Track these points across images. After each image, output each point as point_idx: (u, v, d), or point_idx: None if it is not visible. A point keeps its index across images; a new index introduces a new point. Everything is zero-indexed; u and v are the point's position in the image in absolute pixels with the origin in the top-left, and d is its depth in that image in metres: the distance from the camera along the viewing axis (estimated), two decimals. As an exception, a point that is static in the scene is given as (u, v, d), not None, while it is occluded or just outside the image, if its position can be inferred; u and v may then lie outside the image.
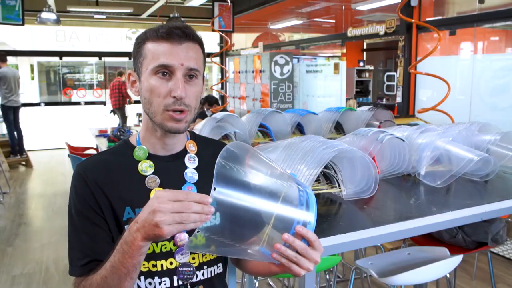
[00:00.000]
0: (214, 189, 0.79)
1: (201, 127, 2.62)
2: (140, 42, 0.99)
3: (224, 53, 10.04)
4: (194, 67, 0.97)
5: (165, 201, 0.77)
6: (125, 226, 0.97)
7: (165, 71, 0.95)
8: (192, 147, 1.10)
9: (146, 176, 1.01)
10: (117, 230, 0.98)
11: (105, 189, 0.98)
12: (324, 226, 1.43)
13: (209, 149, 1.13)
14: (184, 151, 1.08)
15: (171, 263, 1.01)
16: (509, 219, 3.36)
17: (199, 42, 1.00)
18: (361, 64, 8.92)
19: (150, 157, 1.04)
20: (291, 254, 0.82)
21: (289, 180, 0.89)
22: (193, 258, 1.03)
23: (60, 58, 10.28)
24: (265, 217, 0.85)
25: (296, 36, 9.68)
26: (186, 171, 1.05)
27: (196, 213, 0.76)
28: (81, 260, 0.96)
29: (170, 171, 1.04)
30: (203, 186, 1.05)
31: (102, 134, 4.79)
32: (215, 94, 10.19)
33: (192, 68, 0.96)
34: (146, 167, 1.02)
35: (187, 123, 1.00)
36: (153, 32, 0.97)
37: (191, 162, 1.07)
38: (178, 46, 0.95)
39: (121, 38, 11.37)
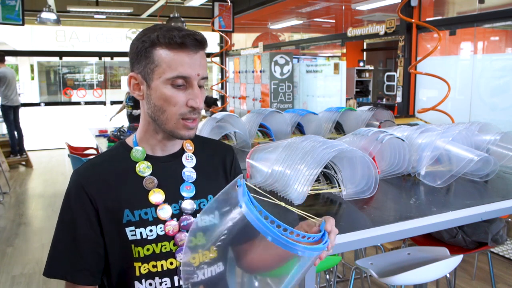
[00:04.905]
0: None
1: (201, 127, 2.62)
2: (149, 46, 0.95)
3: (224, 53, 10.04)
4: (206, 76, 0.98)
5: None
6: (126, 229, 0.98)
7: (181, 81, 0.95)
8: (189, 146, 1.10)
9: (144, 177, 1.01)
10: (117, 234, 0.98)
11: (103, 193, 0.98)
12: (324, 226, 1.43)
13: (206, 148, 1.13)
14: (182, 151, 1.08)
15: (171, 263, 1.00)
16: (509, 219, 3.36)
17: (206, 47, 1.00)
18: (361, 64, 8.92)
19: (147, 158, 1.04)
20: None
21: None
22: (194, 258, 1.03)
23: (60, 58, 10.28)
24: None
25: (296, 36, 9.68)
26: (184, 170, 1.05)
27: None
28: (72, 266, 0.97)
29: (168, 171, 1.04)
30: (201, 185, 1.06)
31: (102, 134, 4.79)
32: (215, 94, 10.21)
33: (204, 77, 0.98)
34: (144, 168, 1.02)
35: (196, 129, 1.01)
36: (165, 38, 0.93)
37: (189, 161, 1.07)
38: (194, 57, 0.95)
39: (121, 38, 11.38)
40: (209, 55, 6.63)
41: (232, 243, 0.90)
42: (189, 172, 1.05)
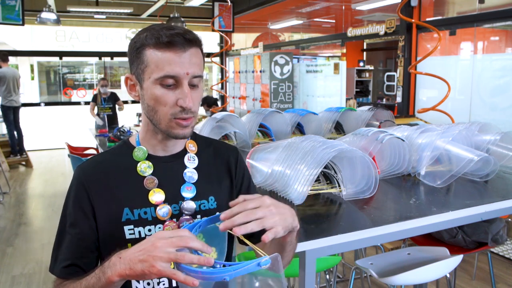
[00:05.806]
0: None
1: (201, 127, 2.62)
2: (139, 47, 0.95)
3: (224, 53, 10.04)
4: (198, 74, 0.96)
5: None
6: (124, 227, 0.98)
7: (170, 80, 0.94)
8: (192, 147, 1.09)
9: (145, 177, 1.01)
10: (114, 232, 0.98)
11: (103, 191, 0.99)
12: (324, 226, 1.43)
13: (209, 149, 1.12)
14: (184, 151, 1.08)
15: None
16: (509, 219, 3.36)
17: (200, 45, 0.98)
18: (361, 64, 8.92)
19: (150, 157, 1.04)
20: (239, 218, 0.81)
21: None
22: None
23: (60, 58, 10.27)
24: None
25: (296, 36, 9.68)
26: (185, 171, 1.05)
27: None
28: (63, 261, 0.97)
29: (169, 172, 1.04)
30: (203, 186, 1.05)
31: (102, 134, 4.79)
32: (215, 94, 10.21)
33: (196, 75, 0.95)
34: (145, 168, 1.02)
35: (192, 128, 1.00)
36: (153, 39, 0.93)
37: (191, 162, 1.06)
38: (182, 55, 0.93)
39: (121, 38, 11.36)
40: (209, 55, 6.63)
41: None
42: (190, 173, 1.05)
